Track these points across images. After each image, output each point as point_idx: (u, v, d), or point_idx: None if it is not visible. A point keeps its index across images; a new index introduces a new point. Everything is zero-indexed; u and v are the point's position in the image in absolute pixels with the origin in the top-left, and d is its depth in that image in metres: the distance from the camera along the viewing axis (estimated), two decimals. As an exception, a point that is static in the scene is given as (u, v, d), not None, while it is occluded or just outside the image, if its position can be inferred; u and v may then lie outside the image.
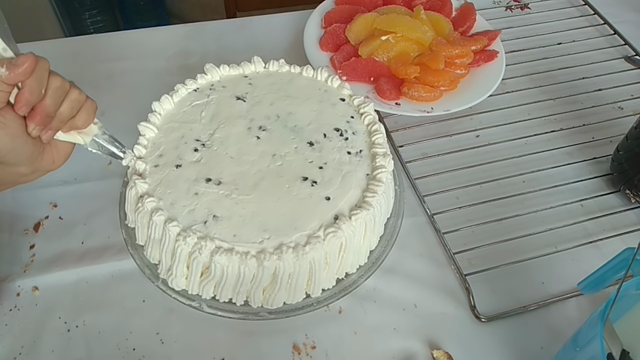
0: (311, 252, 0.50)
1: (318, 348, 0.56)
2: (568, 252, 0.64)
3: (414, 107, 0.74)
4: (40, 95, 0.43)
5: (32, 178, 0.49)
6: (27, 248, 0.62)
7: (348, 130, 0.60)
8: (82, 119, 0.47)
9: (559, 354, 0.50)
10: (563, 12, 0.98)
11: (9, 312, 0.57)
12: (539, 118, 0.79)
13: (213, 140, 0.58)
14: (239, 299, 0.52)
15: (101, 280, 0.60)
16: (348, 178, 0.56)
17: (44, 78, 0.42)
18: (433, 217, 0.66)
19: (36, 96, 0.42)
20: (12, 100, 0.42)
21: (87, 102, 0.48)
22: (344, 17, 0.84)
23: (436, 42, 0.78)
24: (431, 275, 0.62)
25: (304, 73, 0.66)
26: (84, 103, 0.47)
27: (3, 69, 0.39)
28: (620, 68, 0.87)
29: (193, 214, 0.52)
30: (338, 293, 0.54)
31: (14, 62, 0.40)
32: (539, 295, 0.60)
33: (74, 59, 0.86)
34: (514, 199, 0.68)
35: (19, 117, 0.43)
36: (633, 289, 0.43)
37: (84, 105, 0.47)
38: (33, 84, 0.41)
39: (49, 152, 0.48)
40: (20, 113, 0.42)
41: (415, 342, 0.56)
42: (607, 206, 0.69)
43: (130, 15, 1.78)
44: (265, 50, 0.87)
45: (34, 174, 0.48)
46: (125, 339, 0.56)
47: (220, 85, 0.64)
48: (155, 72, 0.84)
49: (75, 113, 0.47)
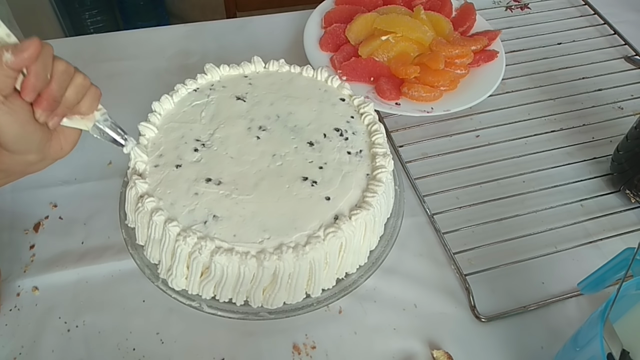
0: (311, 252, 0.50)
1: (318, 348, 0.56)
2: (568, 252, 0.64)
3: (414, 107, 0.74)
4: (46, 80, 0.42)
5: (40, 167, 0.48)
6: (27, 248, 0.62)
7: (348, 130, 0.60)
8: (86, 104, 0.47)
9: (559, 354, 0.50)
10: (563, 12, 0.98)
11: (9, 312, 0.57)
12: (539, 118, 0.79)
13: (213, 140, 0.58)
14: (239, 299, 0.52)
15: (101, 280, 0.60)
16: (348, 178, 0.56)
17: (48, 63, 0.42)
18: (433, 217, 0.66)
19: (42, 81, 0.42)
20: (19, 87, 0.42)
21: (92, 88, 0.48)
22: (344, 17, 0.84)
23: (436, 42, 0.78)
24: (431, 275, 0.62)
25: (304, 73, 0.66)
26: (88, 88, 0.47)
27: (9, 54, 0.39)
28: (620, 68, 0.87)
29: (193, 214, 0.52)
30: (338, 293, 0.54)
31: (19, 47, 0.39)
32: (539, 295, 0.60)
33: (74, 59, 0.84)
34: (514, 199, 0.68)
35: (26, 103, 0.43)
36: (633, 289, 0.43)
37: (89, 91, 0.47)
38: (39, 69, 0.41)
39: (56, 139, 0.47)
40: (27, 99, 0.42)
41: (415, 342, 0.56)
42: (607, 206, 0.69)
43: (130, 15, 1.78)
44: (265, 50, 0.87)
45: (42, 162, 0.48)
46: (125, 339, 0.56)
47: (220, 85, 0.64)
48: (155, 72, 0.84)
49: (81, 98, 0.46)
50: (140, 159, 0.55)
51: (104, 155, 0.71)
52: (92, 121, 0.49)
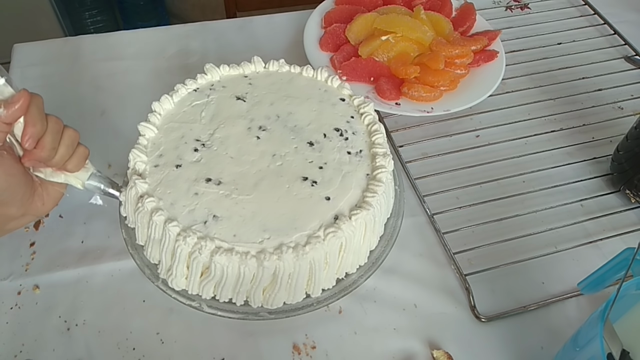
0: (311, 252, 0.50)
1: (318, 348, 0.56)
2: (568, 252, 0.64)
3: (414, 107, 0.74)
4: (43, 128, 0.45)
5: (20, 223, 0.51)
6: (27, 245, 0.63)
7: (348, 130, 0.60)
8: (73, 162, 0.50)
9: (559, 354, 0.50)
10: (563, 12, 0.98)
11: (9, 311, 0.57)
12: (539, 118, 0.79)
13: (213, 140, 0.58)
14: (239, 299, 0.52)
15: (101, 280, 0.60)
16: (348, 178, 0.56)
17: (41, 111, 0.45)
18: (433, 217, 0.66)
19: (39, 129, 0.44)
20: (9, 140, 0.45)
21: (80, 147, 0.50)
22: (344, 17, 0.84)
23: (436, 42, 0.78)
24: (431, 275, 0.62)
25: (304, 73, 0.66)
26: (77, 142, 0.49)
27: (1, 109, 0.42)
28: (620, 68, 0.87)
29: (193, 214, 0.52)
30: (338, 293, 0.54)
31: (9, 101, 0.42)
32: (539, 295, 0.60)
33: (74, 59, 0.86)
34: (514, 199, 0.68)
35: (13, 156, 0.46)
36: (633, 289, 0.43)
37: (77, 149, 0.50)
38: (35, 117, 0.44)
39: (39, 195, 0.50)
40: (27, 147, 0.45)
41: (415, 342, 0.56)
42: (607, 206, 0.69)
43: (130, 15, 1.78)
44: (265, 50, 0.87)
45: (23, 217, 0.50)
46: (125, 339, 0.56)
47: (220, 85, 0.64)
48: (155, 72, 0.84)
49: (72, 152, 0.49)
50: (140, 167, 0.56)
51: (104, 157, 0.71)
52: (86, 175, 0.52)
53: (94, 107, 0.78)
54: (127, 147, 0.56)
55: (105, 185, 0.54)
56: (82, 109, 0.78)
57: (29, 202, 0.49)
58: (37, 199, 0.50)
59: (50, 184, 0.51)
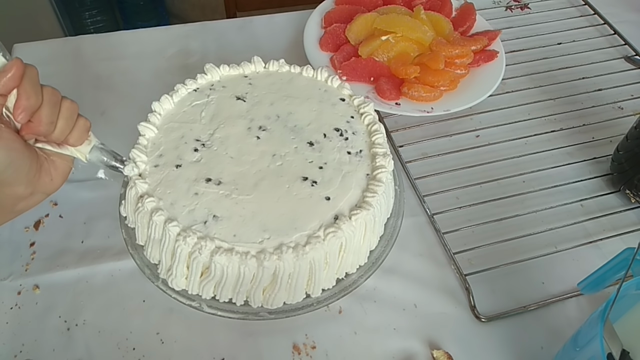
0: (311, 252, 0.50)
1: (318, 348, 0.56)
2: (568, 252, 0.64)
3: (414, 107, 0.74)
4: (38, 101, 0.42)
5: (31, 202, 0.47)
6: (27, 245, 0.63)
7: (348, 130, 0.60)
8: (75, 136, 0.47)
9: (559, 354, 0.50)
10: (563, 12, 0.98)
11: (9, 311, 0.57)
12: (539, 118, 0.79)
13: (213, 140, 0.58)
14: (239, 299, 0.52)
15: (101, 280, 0.60)
16: (348, 178, 0.56)
17: (36, 84, 0.42)
18: (433, 217, 0.66)
19: (33, 101, 0.41)
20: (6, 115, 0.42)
21: (80, 119, 0.47)
22: (344, 17, 0.84)
23: (436, 42, 0.78)
24: (431, 275, 0.62)
25: (304, 73, 0.66)
26: (77, 114, 0.47)
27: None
28: (620, 68, 0.87)
29: (193, 214, 0.52)
30: (338, 293, 0.54)
31: (1, 71, 0.39)
32: (539, 295, 0.60)
33: (74, 59, 0.86)
34: (514, 199, 0.68)
35: (12, 130, 0.43)
36: (633, 289, 0.43)
37: (77, 122, 0.47)
38: (28, 90, 0.41)
39: (46, 170, 0.47)
40: (20, 121, 0.42)
41: (415, 342, 0.56)
42: (607, 206, 0.69)
43: (130, 15, 1.78)
44: (265, 50, 0.87)
45: (33, 196, 0.47)
46: (125, 339, 0.56)
47: (220, 85, 0.64)
48: (155, 72, 0.84)
49: (72, 125, 0.46)
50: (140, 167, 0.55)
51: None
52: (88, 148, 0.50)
53: (94, 107, 0.78)
54: (127, 147, 0.56)
55: (109, 159, 0.52)
56: (82, 109, 0.76)
57: (36, 178, 0.45)
58: (44, 175, 0.46)
59: (57, 156, 0.48)
